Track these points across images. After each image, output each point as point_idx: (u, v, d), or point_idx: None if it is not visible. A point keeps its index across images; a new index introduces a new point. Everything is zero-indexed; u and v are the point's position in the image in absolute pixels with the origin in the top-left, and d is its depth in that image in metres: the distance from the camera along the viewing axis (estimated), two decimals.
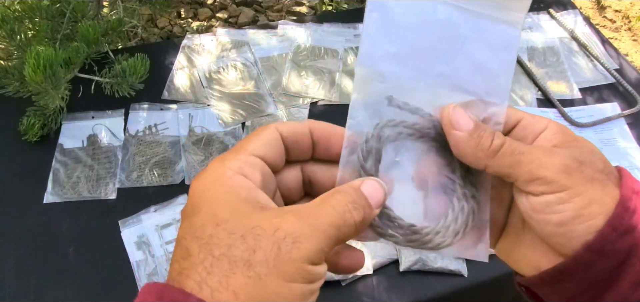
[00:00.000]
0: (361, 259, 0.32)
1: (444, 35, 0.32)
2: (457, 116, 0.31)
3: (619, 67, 1.08)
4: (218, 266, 0.25)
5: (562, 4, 1.22)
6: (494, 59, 0.32)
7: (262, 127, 0.32)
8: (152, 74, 0.91)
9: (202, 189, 0.28)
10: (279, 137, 0.32)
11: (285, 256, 0.25)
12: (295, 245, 0.25)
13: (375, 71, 0.32)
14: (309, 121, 0.33)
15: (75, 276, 0.72)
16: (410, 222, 0.32)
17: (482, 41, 0.32)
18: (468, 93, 0.32)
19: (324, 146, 0.33)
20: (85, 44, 0.86)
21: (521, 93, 1.01)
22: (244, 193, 0.28)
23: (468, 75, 0.32)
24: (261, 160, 0.30)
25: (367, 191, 0.30)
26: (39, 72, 0.74)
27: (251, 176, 0.29)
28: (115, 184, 0.82)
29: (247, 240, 0.26)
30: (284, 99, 0.96)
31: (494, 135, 0.30)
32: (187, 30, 1.75)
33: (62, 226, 0.77)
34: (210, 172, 0.29)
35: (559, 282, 0.30)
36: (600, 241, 0.28)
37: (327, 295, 0.72)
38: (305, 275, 0.26)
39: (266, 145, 0.31)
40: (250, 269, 0.25)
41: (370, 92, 0.32)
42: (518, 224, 0.34)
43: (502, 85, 0.32)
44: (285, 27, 1.10)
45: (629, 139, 0.96)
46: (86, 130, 0.88)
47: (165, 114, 0.92)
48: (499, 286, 0.78)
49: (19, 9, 0.87)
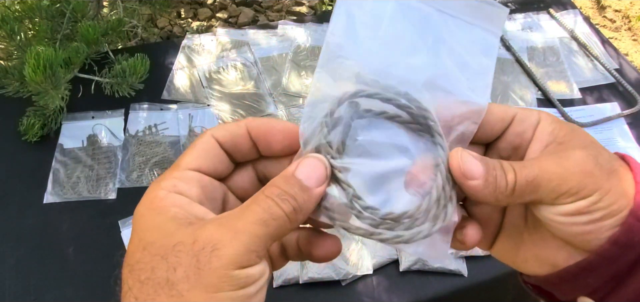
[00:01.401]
0: (335, 246, 0.31)
1: (422, 31, 0.31)
2: (468, 165, 0.29)
3: (619, 67, 1.08)
4: (144, 291, 0.25)
5: (562, 4, 1.22)
6: (474, 61, 0.31)
7: (198, 137, 0.31)
8: (152, 74, 0.91)
9: (137, 215, 0.28)
10: (215, 144, 0.31)
11: (204, 267, 0.24)
12: (214, 253, 0.25)
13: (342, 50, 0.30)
14: (246, 120, 0.32)
15: (75, 276, 0.72)
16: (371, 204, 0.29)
17: (461, 43, 0.31)
18: (449, 88, 0.31)
19: (264, 144, 0.32)
20: (85, 44, 0.86)
21: (521, 93, 1.01)
22: (174, 211, 0.27)
23: (449, 71, 0.31)
24: (197, 172, 0.30)
25: (303, 172, 0.28)
26: (39, 72, 0.74)
27: (187, 191, 0.28)
28: (115, 184, 0.82)
29: (169, 259, 0.25)
30: (283, 99, 0.96)
31: (506, 173, 0.29)
32: (187, 30, 1.75)
33: (62, 226, 0.77)
34: (145, 196, 0.29)
35: (580, 279, 0.30)
36: (627, 233, 0.28)
37: (327, 295, 0.72)
38: (231, 281, 0.25)
39: (201, 156, 0.30)
40: (173, 288, 0.24)
41: (335, 69, 0.30)
42: (518, 222, 0.33)
43: (484, 84, 0.31)
44: (285, 27, 1.10)
45: (629, 139, 0.96)
46: (86, 131, 0.88)
47: (165, 114, 0.92)
48: (499, 286, 0.78)
49: (19, 9, 0.87)
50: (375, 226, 0.29)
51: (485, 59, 0.31)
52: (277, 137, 0.31)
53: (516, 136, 0.32)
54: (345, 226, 0.30)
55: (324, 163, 0.29)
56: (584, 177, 0.28)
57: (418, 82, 0.31)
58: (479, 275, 0.75)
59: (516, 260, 0.34)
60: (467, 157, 0.30)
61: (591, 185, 0.28)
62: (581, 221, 0.28)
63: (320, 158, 0.29)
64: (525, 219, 0.33)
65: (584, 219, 0.28)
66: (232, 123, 0.31)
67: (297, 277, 0.71)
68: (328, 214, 0.30)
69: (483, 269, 0.76)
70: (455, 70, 0.31)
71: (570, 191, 0.28)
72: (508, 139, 0.32)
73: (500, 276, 0.76)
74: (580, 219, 0.28)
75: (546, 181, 0.28)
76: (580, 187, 0.28)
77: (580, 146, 0.29)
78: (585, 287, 0.30)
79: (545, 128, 0.31)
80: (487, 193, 0.29)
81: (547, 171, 0.29)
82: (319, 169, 0.29)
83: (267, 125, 0.31)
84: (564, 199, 0.28)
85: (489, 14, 0.31)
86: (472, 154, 0.30)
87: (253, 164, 0.33)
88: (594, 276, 0.29)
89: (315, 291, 0.71)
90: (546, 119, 0.31)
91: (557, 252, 0.31)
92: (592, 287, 0.30)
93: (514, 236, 0.34)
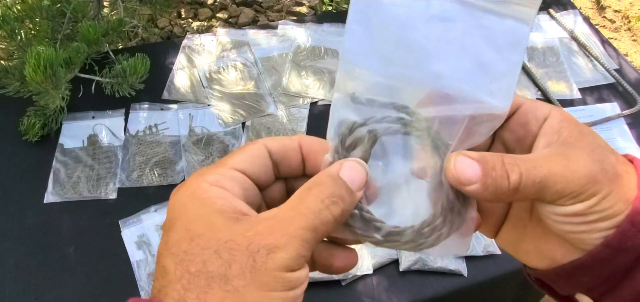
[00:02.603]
0: (354, 258, 0.32)
1: (438, 33, 0.29)
2: (462, 171, 0.29)
3: (619, 67, 1.08)
4: (195, 282, 0.25)
5: (562, 4, 1.22)
6: (498, 58, 0.29)
7: (250, 142, 0.31)
8: (153, 74, 0.91)
9: (178, 204, 0.28)
10: (265, 153, 0.31)
11: (261, 268, 0.25)
12: (270, 256, 0.25)
13: (357, 69, 0.30)
14: (300, 136, 0.32)
15: (75, 276, 0.72)
16: (392, 224, 0.30)
17: (486, 38, 0.29)
18: (464, 94, 0.29)
19: (313, 162, 0.32)
20: (85, 44, 0.87)
21: (521, 93, 1.01)
22: (220, 203, 0.27)
23: (468, 74, 0.29)
24: (243, 174, 0.30)
25: (347, 174, 0.29)
26: (39, 72, 0.74)
27: (230, 188, 0.29)
28: (115, 184, 0.82)
29: (222, 255, 0.26)
30: (284, 99, 0.96)
31: (507, 172, 0.28)
32: (188, 30, 1.75)
33: (63, 226, 0.77)
34: (187, 185, 0.29)
35: (575, 277, 0.30)
36: (620, 237, 0.28)
37: (327, 295, 0.72)
38: (284, 283, 0.26)
39: (249, 159, 0.30)
40: (228, 283, 0.25)
41: (348, 90, 0.30)
42: (523, 214, 0.34)
43: (506, 87, 0.29)
44: (285, 27, 1.10)
45: (629, 139, 0.96)
46: (86, 130, 0.88)
47: (165, 114, 0.92)
48: (499, 286, 0.78)
49: (20, 9, 0.87)
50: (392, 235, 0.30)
51: (514, 54, 0.29)
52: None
53: (520, 126, 0.31)
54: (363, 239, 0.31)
55: (365, 168, 0.30)
56: (587, 182, 0.28)
57: (433, 93, 0.30)
58: (479, 275, 0.75)
59: (518, 251, 0.34)
60: (461, 162, 0.29)
61: (592, 189, 0.28)
62: (575, 222, 0.29)
63: (361, 162, 0.30)
64: (530, 212, 0.33)
65: (579, 220, 0.28)
66: (285, 137, 0.32)
67: None
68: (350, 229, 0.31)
69: (483, 269, 0.76)
70: (476, 72, 0.29)
71: (572, 194, 0.28)
72: (512, 127, 0.32)
73: (500, 276, 0.76)
74: (576, 219, 0.29)
75: (552, 183, 0.28)
76: (581, 191, 0.28)
77: (587, 150, 0.29)
78: (581, 286, 0.30)
79: (552, 124, 0.30)
80: (488, 195, 0.29)
81: (554, 173, 0.28)
82: (361, 174, 0.29)
83: (320, 144, 0.32)
84: (564, 201, 0.28)
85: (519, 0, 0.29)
86: (468, 155, 0.29)
87: (287, 181, 0.33)
88: (588, 276, 0.30)
89: (315, 291, 0.72)
90: (555, 116, 0.30)
91: (556, 248, 0.31)
92: (587, 286, 0.30)
93: (519, 227, 0.34)
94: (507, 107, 0.30)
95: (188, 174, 0.84)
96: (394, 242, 0.30)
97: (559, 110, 0.31)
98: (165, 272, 0.26)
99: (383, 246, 0.31)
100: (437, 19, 0.29)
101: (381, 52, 0.30)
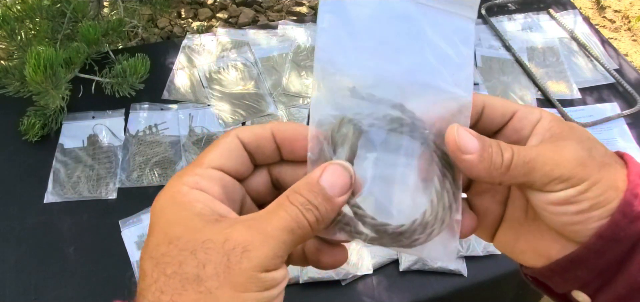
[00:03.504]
0: (343, 255, 0.32)
1: (403, 30, 0.31)
2: (464, 140, 0.30)
3: (619, 67, 1.08)
4: (170, 284, 0.25)
5: (562, 4, 1.22)
6: (454, 52, 0.31)
7: (222, 136, 0.31)
8: (153, 74, 0.91)
9: (158, 208, 0.28)
10: (239, 145, 0.31)
11: (235, 267, 0.25)
12: (245, 254, 0.25)
13: (334, 66, 0.30)
14: (272, 123, 0.32)
15: (76, 276, 0.72)
16: (381, 221, 0.30)
17: (441, 35, 0.31)
18: (435, 86, 0.31)
19: (289, 149, 0.32)
20: (85, 44, 0.87)
21: (521, 93, 1.01)
22: (199, 207, 0.27)
23: (432, 68, 0.31)
24: (220, 171, 0.30)
25: (327, 180, 0.28)
26: (39, 72, 0.74)
27: (209, 189, 0.29)
28: (115, 184, 0.82)
29: (198, 255, 0.26)
30: (284, 99, 0.96)
31: (501, 150, 0.30)
32: (188, 30, 1.75)
33: (63, 226, 0.77)
34: (167, 190, 0.29)
35: (570, 271, 0.31)
36: (612, 228, 0.28)
37: (327, 295, 0.72)
38: (258, 283, 0.25)
39: (224, 155, 0.30)
40: (201, 284, 0.25)
41: (331, 86, 0.31)
42: (519, 215, 0.34)
43: (466, 76, 0.31)
44: (285, 27, 1.10)
45: (629, 139, 0.96)
46: (86, 130, 0.88)
47: (165, 114, 0.92)
48: (498, 286, 0.78)
49: (20, 9, 0.87)
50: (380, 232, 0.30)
51: (465, 48, 0.32)
52: (302, 143, 0.31)
53: (514, 132, 0.32)
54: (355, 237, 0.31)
55: (349, 172, 0.29)
56: (575, 166, 0.29)
57: (408, 87, 0.31)
58: (479, 275, 0.75)
59: (515, 251, 0.35)
60: (463, 132, 0.30)
61: (582, 174, 0.29)
62: (570, 211, 0.29)
63: (346, 165, 0.29)
64: (526, 213, 0.34)
65: (573, 208, 0.29)
66: (257, 125, 0.32)
67: (297, 277, 0.71)
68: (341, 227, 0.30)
69: (483, 269, 0.76)
70: (439, 67, 0.31)
71: (561, 177, 0.29)
72: (506, 134, 0.33)
73: (500, 276, 0.76)
74: (569, 208, 0.29)
75: (541, 164, 0.29)
76: (571, 175, 0.29)
77: (576, 139, 0.30)
78: (576, 281, 0.31)
79: (544, 125, 0.32)
80: (482, 168, 0.30)
81: (543, 155, 0.29)
82: (344, 178, 0.29)
83: (294, 131, 0.31)
84: (554, 186, 0.29)
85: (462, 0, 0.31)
86: (469, 131, 0.30)
87: (269, 167, 0.33)
88: (583, 269, 0.30)
89: (315, 290, 0.72)
90: (547, 118, 0.32)
91: (551, 245, 0.31)
92: (582, 281, 0.30)
93: (515, 227, 0.34)
94: (469, 95, 0.32)
95: None
96: (383, 239, 0.30)
97: (551, 113, 0.32)
98: (144, 276, 0.27)
99: (372, 244, 0.31)
100: (400, 17, 0.31)
101: (358, 48, 0.31)
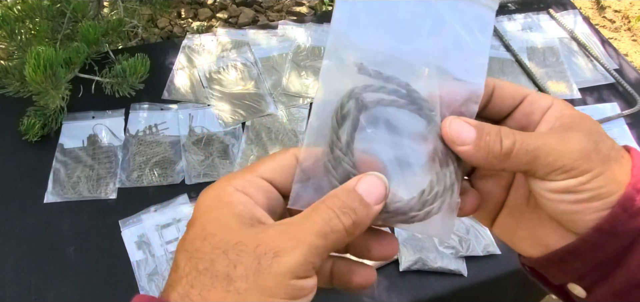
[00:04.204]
0: (373, 275, 0.32)
1: (421, 12, 0.31)
2: (457, 131, 0.30)
3: (619, 67, 1.08)
4: (201, 280, 0.26)
5: (562, 4, 1.22)
6: (471, 39, 0.32)
7: (281, 150, 0.31)
8: (153, 74, 0.91)
9: (202, 203, 0.29)
10: (294, 164, 0.31)
11: (265, 271, 0.25)
12: (275, 259, 0.25)
13: (348, 39, 0.31)
14: None
15: (76, 276, 0.72)
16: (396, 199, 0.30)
17: (460, 21, 0.31)
18: (445, 70, 0.31)
19: None
20: (85, 44, 0.87)
21: None
22: (239, 209, 0.28)
23: (446, 52, 0.31)
24: (269, 183, 0.30)
25: (364, 189, 0.29)
26: (39, 72, 0.74)
27: (254, 195, 0.29)
28: (115, 184, 0.82)
29: (229, 255, 0.26)
30: (284, 99, 0.96)
31: (500, 136, 0.29)
32: (188, 30, 1.75)
33: (63, 226, 0.77)
34: (214, 187, 0.30)
35: (567, 262, 0.30)
36: (611, 222, 0.28)
37: (327, 295, 0.72)
38: (287, 290, 0.25)
39: (277, 169, 0.30)
40: (231, 284, 0.25)
41: (342, 58, 0.31)
42: (520, 201, 0.34)
43: (480, 64, 0.32)
44: (285, 27, 1.10)
45: (629, 139, 0.96)
46: (86, 130, 0.88)
47: (165, 114, 0.92)
48: (498, 286, 0.78)
49: (20, 9, 0.87)
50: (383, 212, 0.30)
51: (482, 36, 0.32)
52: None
53: (524, 116, 0.32)
54: None
55: (384, 183, 0.29)
56: (579, 158, 0.28)
57: (419, 67, 0.31)
58: (479, 275, 0.75)
59: (514, 238, 0.34)
60: (456, 124, 0.30)
61: (585, 166, 0.28)
62: (569, 200, 0.29)
63: (381, 177, 0.29)
64: (527, 200, 0.34)
65: (572, 197, 0.29)
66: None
67: None
68: None
69: (483, 269, 0.76)
70: (454, 52, 0.31)
71: (563, 167, 0.28)
72: (516, 117, 0.33)
73: (500, 276, 0.76)
74: (568, 197, 0.29)
75: (544, 154, 0.29)
76: (573, 166, 0.28)
77: (584, 131, 0.30)
78: (572, 272, 0.31)
79: (554, 112, 0.31)
80: (480, 157, 0.29)
81: (547, 145, 0.29)
82: (379, 188, 0.29)
83: None
84: (555, 175, 0.29)
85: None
86: (464, 121, 0.30)
87: None
88: (580, 261, 0.30)
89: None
90: (558, 105, 0.31)
91: (550, 234, 0.31)
92: (578, 273, 0.30)
93: (515, 215, 0.34)
94: (482, 82, 0.32)
95: (188, 174, 0.84)
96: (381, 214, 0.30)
97: (563, 101, 0.32)
98: (176, 267, 0.27)
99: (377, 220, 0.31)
100: (419, 1, 0.31)
101: (373, 24, 0.31)
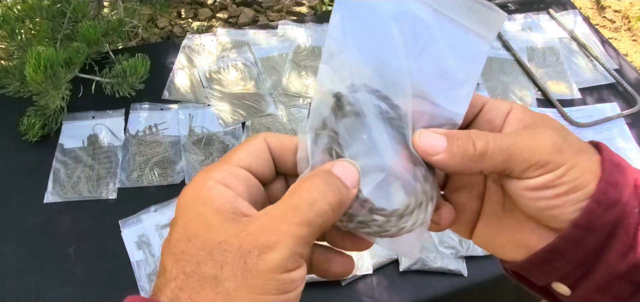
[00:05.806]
0: (351, 264, 0.32)
1: (414, 32, 0.31)
2: (428, 142, 0.30)
3: (619, 67, 1.08)
4: (189, 283, 0.26)
5: (562, 4, 1.22)
6: (459, 68, 0.31)
7: (251, 137, 0.31)
8: (153, 74, 0.91)
9: (182, 201, 0.29)
10: (266, 149, 0.31)
11: (252, 270, 0.25)
12: (261, 257, 0.25)
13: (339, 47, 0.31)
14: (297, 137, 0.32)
15: (76, 276, 0.72)
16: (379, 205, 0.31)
17: (450, 48, 0.31)
18: (426, 96, 0.31)
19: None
20: (85, 44, 0.87)
21: (521, 93, 1.01)
22: (220, 202, 0.27)
23: (431, 77, 0.31)
24: (247, 171, 0.30)
25: (340, 172, 0.29)
26: (39, 72, 0.74)
27: (234, 186, 0.29)
28: (115, 184, 0.82)
29: (214, 256, 0.26)
30: (284, 99, 0.96)
31: (472, 139, 0.30)
32: (188, 30, 1.75)
33: (63, 226, 0.77)
34: (193, 183, 0.29)
35: (549, 262, 0.31)
36: (587, 217, 0.28)
37: (327, 295, 0.72)
38: (278, 285, 0.25)
39: (253, 155, 0.31)
40: (219, 285, 0.25)
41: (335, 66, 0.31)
42: (496, 208, 0.34)
43: (463, 95, 0.31)
44: (285, 27, 1.10)
45: (629, 139, 0.96)
46: (86, 130, 0.88)
47: (165, 114, 0.92)
48: (499, 286, 0.78)
49: (20, 9, 0.87)
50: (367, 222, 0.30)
51: (471, 66, 0.31)
52: None
53: (486, 123, 0.33)
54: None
55: (357, 168, 0.30)
56: (552, 152, 0.29)
57: (401, 86, 0.31)
58: (479, 275, 0.75)
59: (495, 246, 0.35)
60: (426, 135, 0.31)
61: (559, 159, 0.29)
62: (547, 195, 0.29)
63: (353, 163, 0.30)
64: (503, 206, 0.34)
65: (550, 193, 0.29)
66: (284, 135, 0.32)
67: None
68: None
69: (483, 269, 0.76)
70: (439, 78, 0.31)
71: (539, 162, 0.29)
72: (478, 125, 0.33)
73: (500, 276, 0.76)
74: (547, 193, 0.29)
75: (519, 151, 0.29)
76: (548, 160, 0.29)
77: (550, 126, 0.31)
78: (555, 272, 0.31)
79: (516, 116, 0.32)
80: (455, 163, 0.30)
81: (520, 141, 0.30)
82: (353, 172, 0.29)
83: None
84: (532, 172, 0.29)
85: (486, 18, 0.31)
86: (434, 131, 0.31)
87: (287, 178, 0.33)
88: (562, 260, 0.30)
89: (315, 291, 0.72)
90: (517, 108, 0.32)
91: (530, 235, 0.32)
92: (562, 272, 0.31)
93: (493, 222, 0.34)
94: (462, 113, 0.32)
95: (188, 174, 0.84)
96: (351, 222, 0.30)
97: (520, 105, 0.33)
98: (164, 271, 0.27)
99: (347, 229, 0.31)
100: (415, 20, 0.31)
101: (366, 38, 0.31)
